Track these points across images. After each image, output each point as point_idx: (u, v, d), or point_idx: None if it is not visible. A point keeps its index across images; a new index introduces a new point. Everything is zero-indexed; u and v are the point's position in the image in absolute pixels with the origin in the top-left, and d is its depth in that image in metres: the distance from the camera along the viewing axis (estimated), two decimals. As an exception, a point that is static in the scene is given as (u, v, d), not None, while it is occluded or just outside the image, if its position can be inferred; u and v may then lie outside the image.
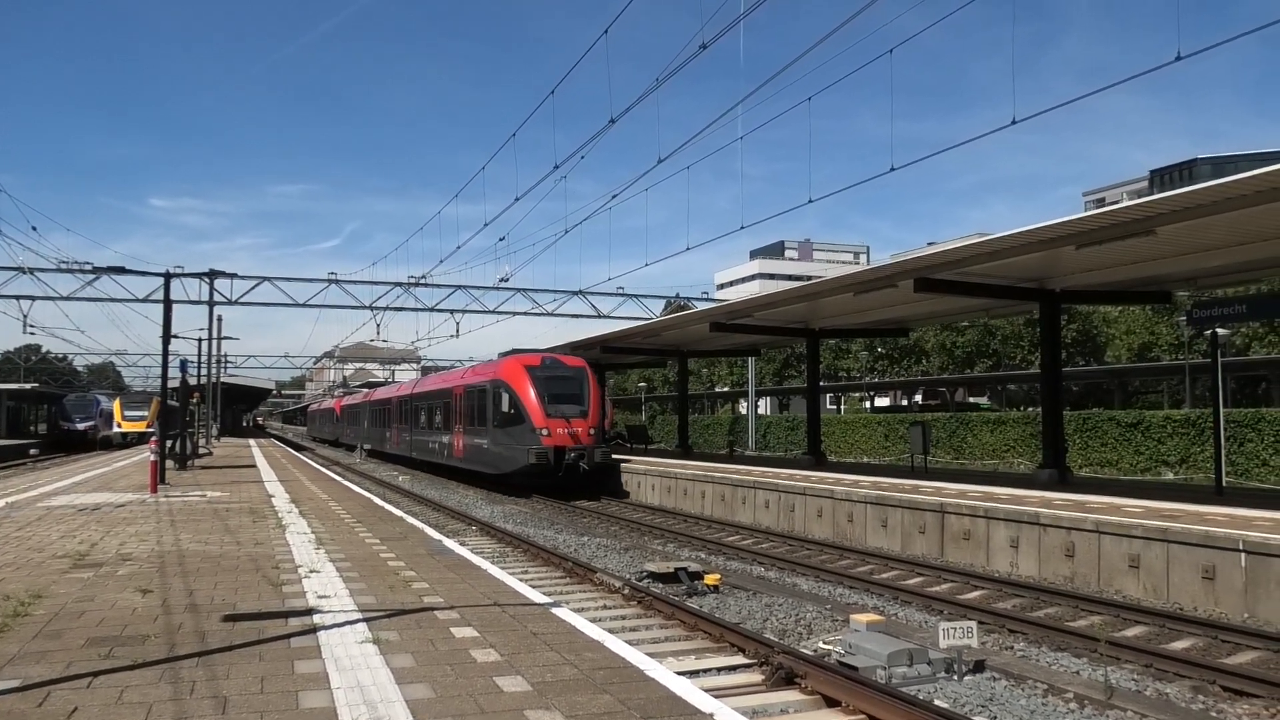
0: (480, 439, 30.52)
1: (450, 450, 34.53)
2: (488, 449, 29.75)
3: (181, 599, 8.47)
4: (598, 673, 6.16)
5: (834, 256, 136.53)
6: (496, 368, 30.05)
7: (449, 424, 34.70)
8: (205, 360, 46.92)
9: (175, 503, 18.04)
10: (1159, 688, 8.62)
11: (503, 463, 28.55)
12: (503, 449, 28.39)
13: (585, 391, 28.42)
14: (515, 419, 27.66)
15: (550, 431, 26.85)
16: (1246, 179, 12.34)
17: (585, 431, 27.54)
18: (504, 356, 31.71)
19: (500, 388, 28.56)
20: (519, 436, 27.38)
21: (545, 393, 27.52)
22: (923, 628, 10.84)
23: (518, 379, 27.99)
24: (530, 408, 27.28)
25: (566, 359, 29.74)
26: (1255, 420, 29.55)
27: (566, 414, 27.37)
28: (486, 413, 29.71)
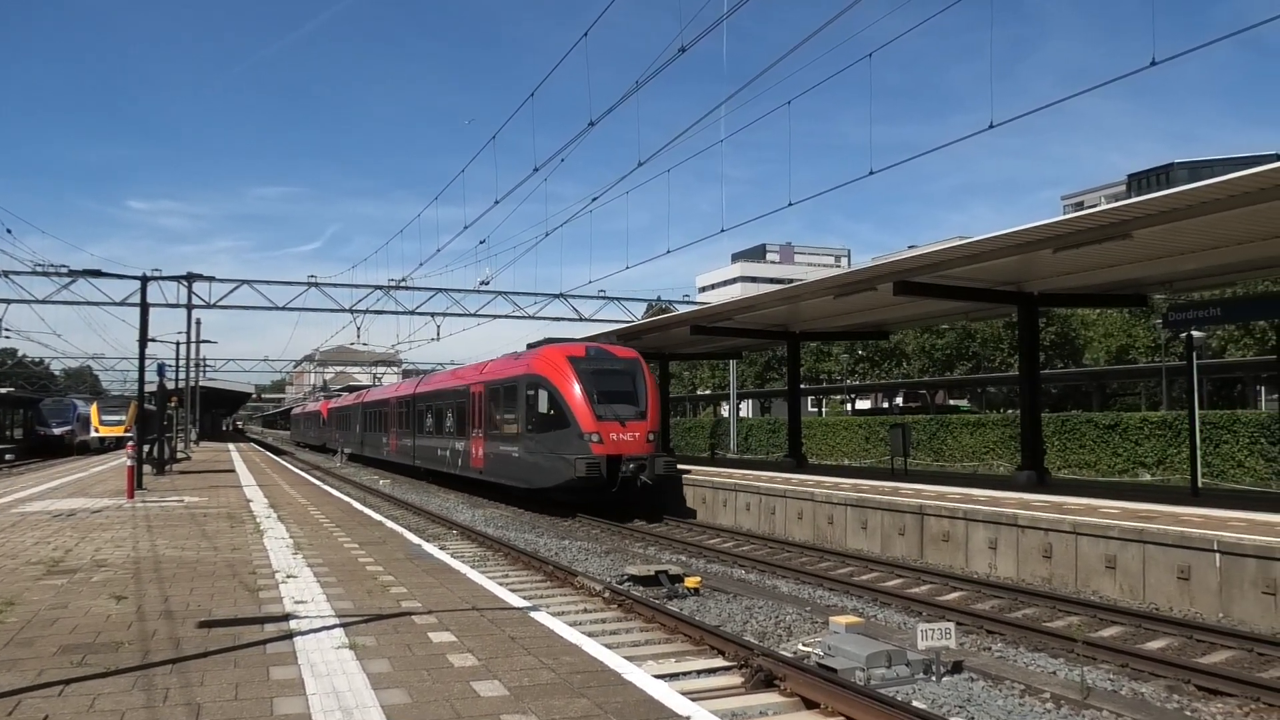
0: (509, 446, 25.46)
1: (466, 459, 29.41)
2: (519, 459, 24.59)
3: (156, 605, 8.40)
4: (575, 676, 6.15)
5: (815, 259, 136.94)
6: (530, 360, 24.69)
7: (464, 428, 29.67)
8: (183, 364, 46.61)
9: (152, 508, 17.89)
10: (1135, 687, 8.68)
11: (539, 475, 23.51)
12: (540, 459, 23.38)
13: (641, 387, 23.62)
14: (556, 422, 22.82)
15: (601, 437, 22.21)
16: (1221, 183, 12.47)
17: (643, 437, 22.81)
18: (535, 347, 26.46)
19: (536, 384, 23.60)
20: (561, 443, 22.55)
21: (594, 389, 22.72)
22: (902, 629, 10.88)
23: (559, 373, 23.09)
24: (576, 408, 22.46)
25: (615, 348, 24.95)
26: (1230, 422, 29.84)
27: (620, 415, 22.66)
28: (517, 415, 24.77)
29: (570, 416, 22.51)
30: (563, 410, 22.69)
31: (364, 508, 18.85)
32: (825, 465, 37.84)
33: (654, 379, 25.04)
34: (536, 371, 23.89)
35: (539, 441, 23.48)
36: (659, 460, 22.78)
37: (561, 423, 22.71)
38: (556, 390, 22.93)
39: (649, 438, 22.90)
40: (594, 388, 22.76)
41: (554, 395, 22.96)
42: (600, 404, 22.57)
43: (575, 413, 22.47)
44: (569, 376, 22.92)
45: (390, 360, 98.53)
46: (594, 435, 22.20)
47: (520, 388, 24.61)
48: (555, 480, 22.78)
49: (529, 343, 28.65)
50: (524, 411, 24.25)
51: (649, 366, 24.70)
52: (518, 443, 24.75)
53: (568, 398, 22.66)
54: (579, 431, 22.27)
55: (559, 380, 23.03)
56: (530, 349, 26.61)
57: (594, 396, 22.60)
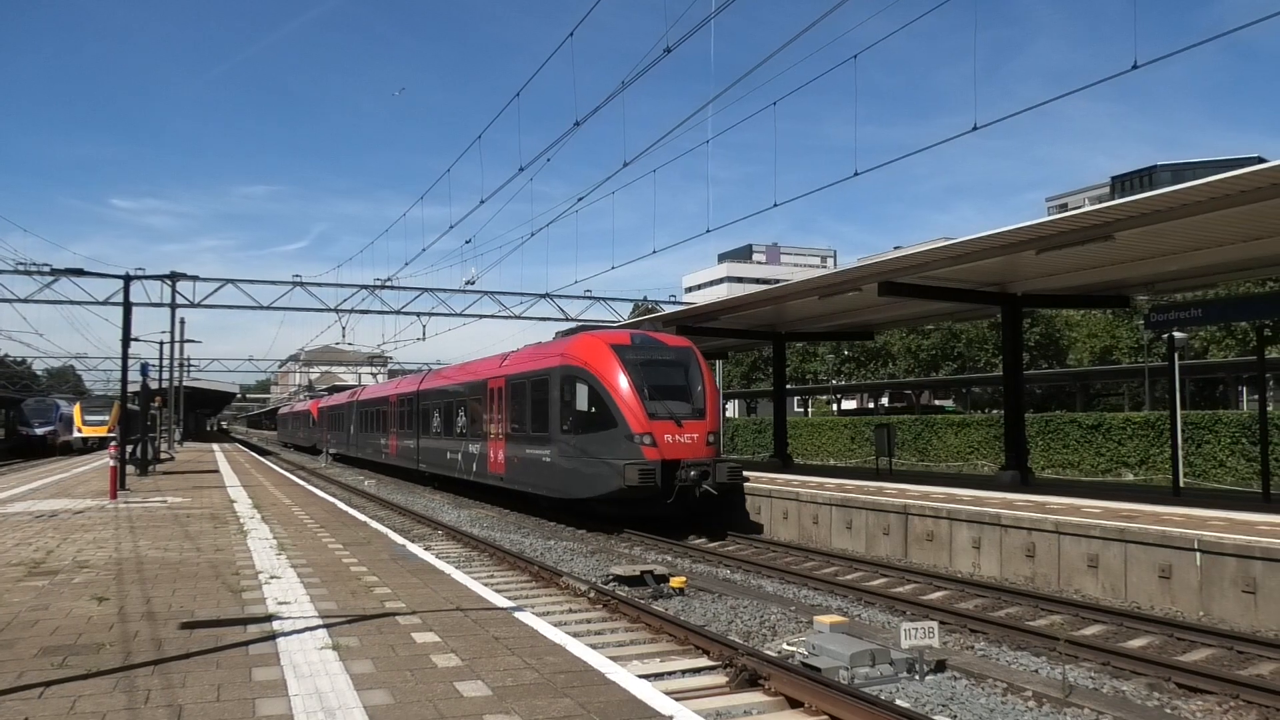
0: (537, 450, 22.07)
1: (482, 464, 26.13)
2: (552, 464, 21.22)
3: (139, 606, 8.36)
4: (559, 676, 6.15)
5: (801, 260, 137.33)
6: (565, 348, 21.46)
7: (480, 429, 26.36)
8: (167, 364, 46.35)
9: (135, 509, 17.80)
10: (1116, 685, 8.74)
11: (578, 484, 20.26)
12: (579, 465, 20.13)
13: (698, 381, 20.60)
14: (599, 421, 19.73)
15: (655, 439, 19.18)
16: (1202, 185, 12.57)
17: (703, 438, 19.85)
18: (567, 335, 23.52)
19: (574, 376, 20.43)
20: (607, 447, 19.43)
21: (644, 383, 19.69)
22: (885, 628, 10.92)
23: (602, 363, 19.98)
24: (624, 405, 19.36)
25: (665, 336, 22.04)
26: (1212, 422, 30.08)
27: (676, 414, 19.66)
28: (549, 413, 21.42)
29: (617, 415, 19.40)
30: (608, 407, 19.57)
31: (348, 508, 18.79)
32: (811, 465, 37.93)
33: (710, 372, 21.80)
34: (574, 362, 20.62)
35: (578, 444, 20.26)
36: (723, 465, 19.67)
37: (606, 422, 19.60)
38: (600, 384, 19.80)
39: (709, 439, 19.97)
40: (644, 381, 19.71)
41: (597, 390, 19.83)
42: (652, 400, 19.53)
43: (623, 410, 19.37)
44: (614, 368, 19.77)
45: (376, 360, 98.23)
46: (646, 437, 19.20)
47: (554, 381, 21.29)
48: (598, 490, 19.54)
49: (559, 330, 25.66)
50: (558, 409, 20.96)
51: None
52: (549, 445, 21.43)
53: (614, 393, 19.54)
54: (628, 432, 19.22)
55: (603, 372, 19.89)
56: (562, 337, 23.73)
57: (645, 391, 19.55)
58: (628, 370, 19.68)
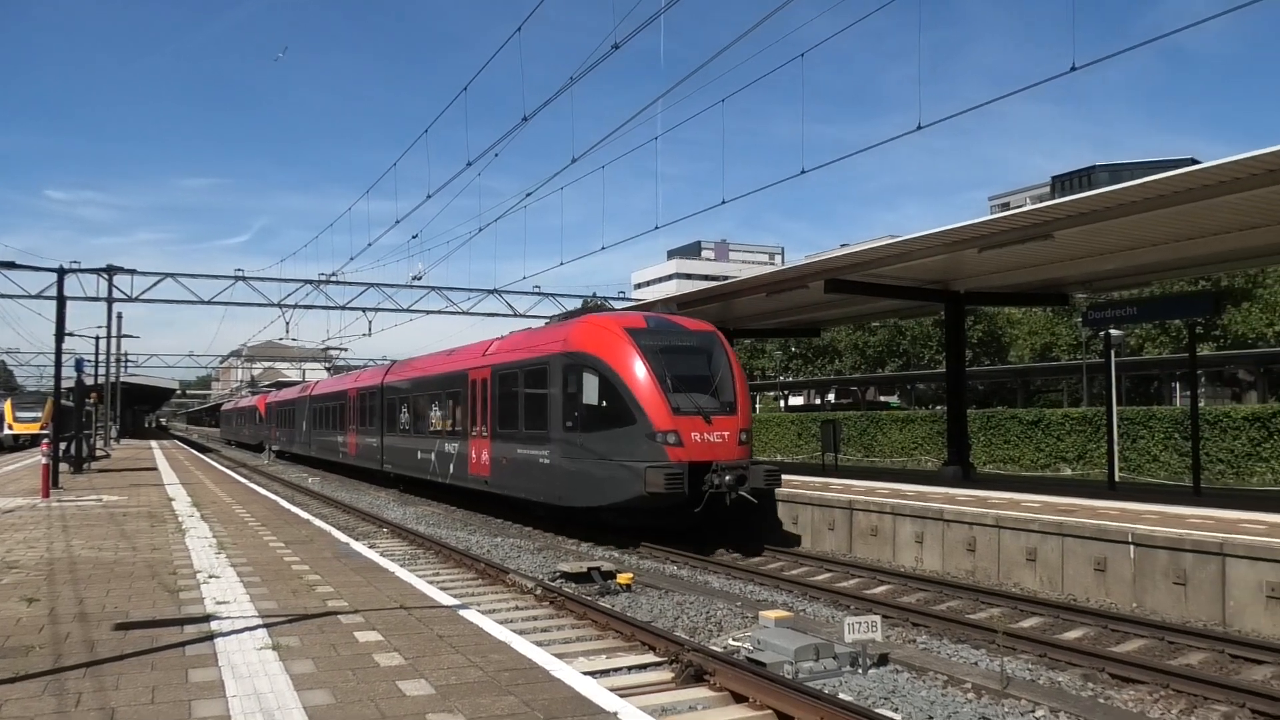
0: (534, 450, 19.28)
1: (461, 465, 23.39)
2: (553, 466, 18.46)
3: (71, 608, 8.15)
4: (503, 674, 6.12)
5: (750, 257, 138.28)
6: (569, 332, 18.69)
7: (459, 425, 23.67)
8: (104, 359, 45.26)
9: (69, 507, 17.35)
10: (1052, 676, 8.93)
11: (586, 490, 17.56)
12: (589, 467, 17.39)
13: (726, 371, 17.77)
14: (614, 417, 17.01)
15: (681, 438, 16.47)
16: (1137, 186, 12.87)
17: (735, 437, 17.09)
18: (566, 319, 21.03)
19: (581, 365, 17.73)
20: (623, 446, 16.77)
21: (666, 373, 16.92)
22: (830, 623, 11.04)
23: (615, 350, 17.25)
24: (644, 398, 16.61)
25: (684, 319, 19.27)
26: (1147, 418, 30.86)
27: (704, 408, 16.91)
28: (549, 407, 18.70)
29: (635, 410, 16.63)
30: (624, 401, 16.80)
31: (291, 506, 18.52)
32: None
33: (739, 360, 19.02)
34: (581, 348, 17.91)
35: (586, 444, 17.50)
36: (759, 468, 17.03)
37: (621, 418, 16.84)
38: (613, 373, 17.03)
39: (741, 438, 17.22)
40: (666, 370, 16.93)
41: (609, 380, 17.08)
42: (676, 393, 16.77)
43: (643, 404, 16.57)
44: (631, 355, 17.01)
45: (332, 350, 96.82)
46: (670, 436, 16.45)
47: (554, 371, 18.60)
48: (612, 497, 16.93)
49: (559, 313, 22.88)
50: (560, 403, 18.27)
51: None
52: (548, 445, 18.66)
53: (630, 384, 16.77)
54: (649, 430, 16.46)
55: (616, 360, 17.11)
56: (563, 319, 21.29)
57: (667, 382, 16.78)
58: (646, 358, 16.92)
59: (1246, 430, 27.93)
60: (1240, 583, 10.88)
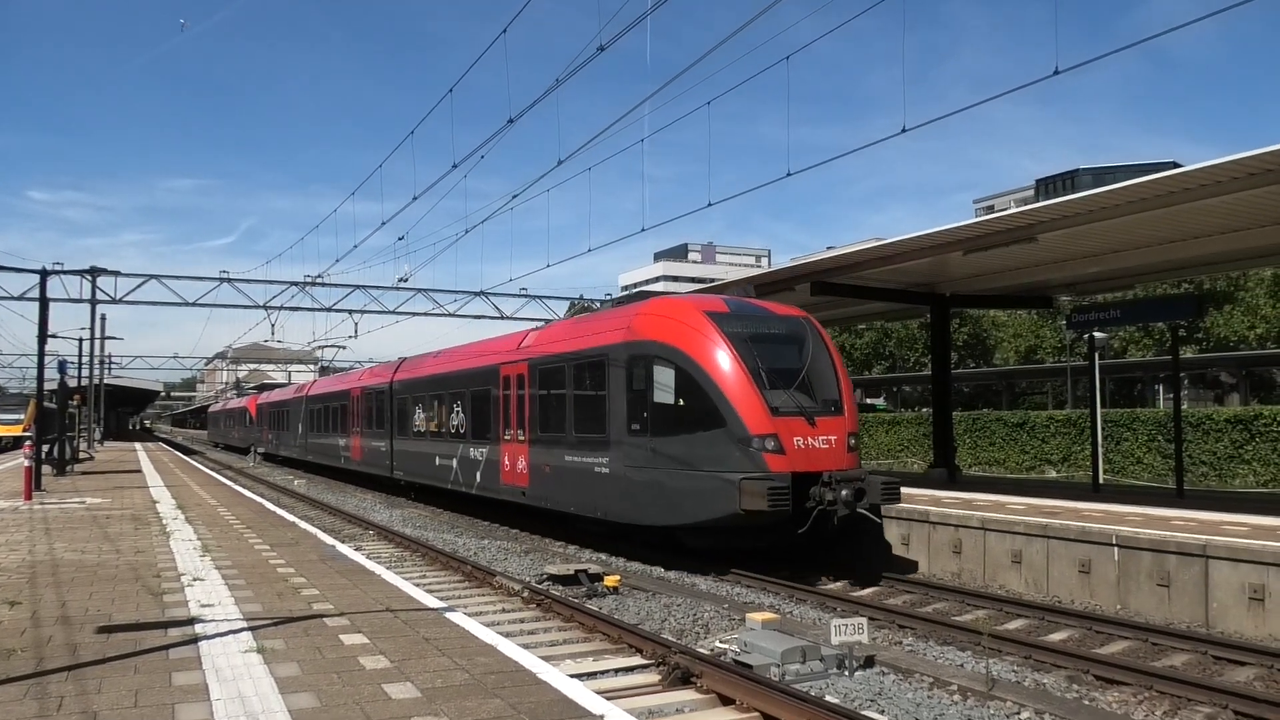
0: (589, 457, 16.49)
1: (492, 473, 20.68)
2: (615, 477, 15.69)
3: (53, 611, 8.09)
4: (490, 677, 6.10)
5: (736, 259, 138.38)
6: (632, 318, 15.89)
7: (488, 428, 20.98)
8: (87, 361, 44.97)
9: (51, 510, 17.23)
10: (1037, 678, 8.97)
11: (661, 505, 14.76)
12: (664, 478, 14.63)
13: (827, 364, 15.15)
14: (698, 417, 14.26)
15: (781, 444, 13.77)
16: (1119, 189, 12.96)
17: (843, 442, 14.49)
18: (621, 303, 18.37)
19: (653, 356, 15.00)
20: (711, 453, 14.03)
21: (760, 365, 14.27)
22: (816, 625, 11.05)
23: (697, 337, 14.54)
24: (736, 396, 13.90)
25: (770, 304, 16.53)
26: (1130, 420, 31.06)
27: (806, 408, 14.24)
28: (609, 406, 15.95)
29: (725, 409, 13.93)
30: (709, 399, 14.08)
31: (277, 508, 18.43)
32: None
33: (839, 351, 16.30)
34: (652, 336, 15.16)
35: (659, 450, 14.77)
36: (876, 479, 14.28)
37: (707, 419, 14.13)
38: (695, 365, 14.30)
39: (850, 443, 14.66)
40: (759, 363, 14.29)
41: (690, 374, 14.35)
42: (773, 389, 14.13)
43: (735, 403, 13.88)
44: (717, 343, 14.32)
45: (307, 358, 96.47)
46: (769, 441, 13.73)
47: (615, 364, 15.86)
48: (695, 514, 14.22)
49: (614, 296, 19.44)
50: (624, 401, 15.56)
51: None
52: (608, 452, 15.93)
53: (718, 378, 14.06)
54: (742, 434, 13.74)
55: (699, 349, 14.38)
56: (619, 303, 18.47)
57: (762, 377, 14.13)
58: (736, 347, 14.25)
59: (1229, 432, 28.13)
60: (1223, 584, 10.96)
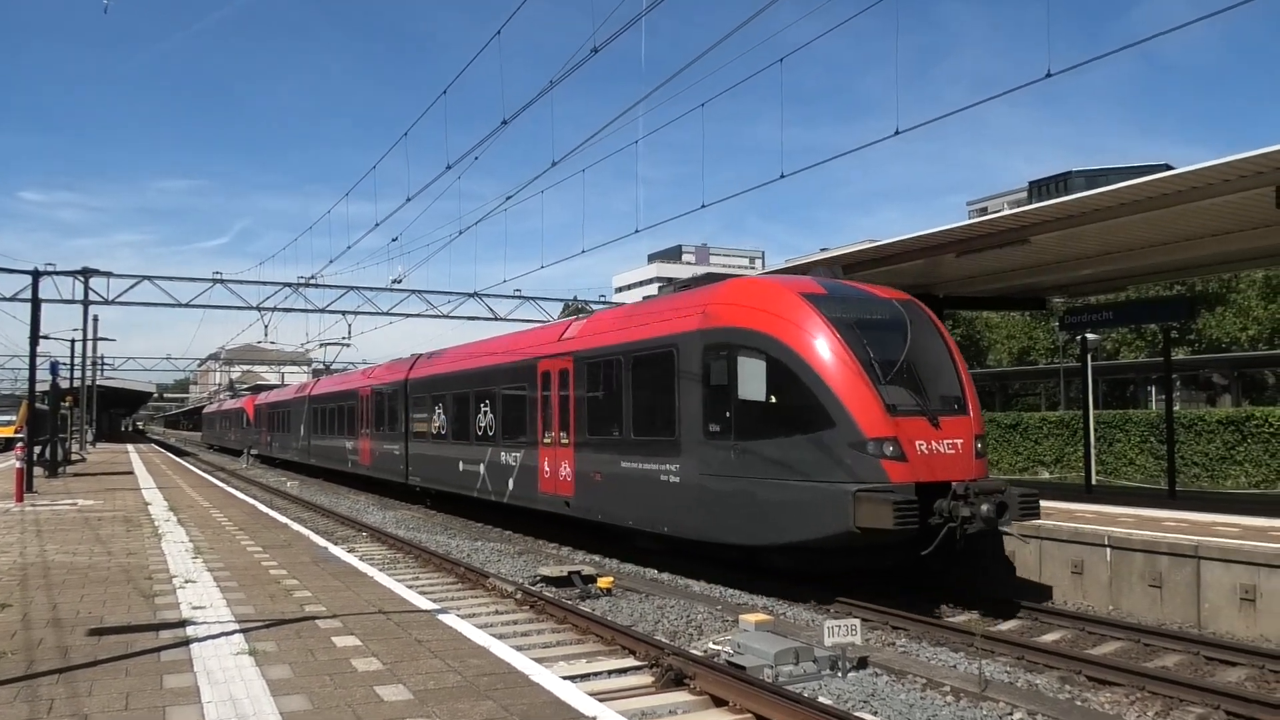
0: (654, 463, 14.44)
1: (528, 480, 18.65)
2: (692, 485, 13.57)
3: (44, 613, 8.06)
4: (482, 679, 6.10)
5: (730, 260, 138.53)
6: (708, 302, 13.85)
7: (524, 430, 18.97)
8: (79, 362, 44.84)
9: (43, 512, 17.17)
10: (1030, 679, 8.98)
11: (753, 521, 12.56)
12: (757, 488, 12.46)
13: (944, 355, 13.16)
14: (797, 416, 12.12)
15: (902, 449, 11.59)
16: (1111, 191, 12.98)
17: (971, 447, 12.29)
18: (689, 287, 16.09)
19: (737, 345, 12.88)
20: (816, 459, 11.87)
21: (870, 355, 12.13)
22: (810, 626, 11.06)
23: (795, 322, 12.38)
24: (845, 389, 11.76)
25: (868, 286, 14.34)
26: (1123, 421, 31.12)
27: (927, 408, 12.11)
28: (680, 404, 13.87)
29: (833, 407, 11.72)
30: (812, 394, 11.90)
31: (269, 510, 18.40)
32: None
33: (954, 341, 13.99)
34: (736, 321, 13.07)
35: (747, 455, 12.61)
36: (1015, 492, 11.83)
37: (811, 419, 11.92)
38: (793, 355, 12.14)
39: (978, 447, 12.45)
40: (869, 353, 12.12)
41: (787, 365, 12.18)
42: (887, 384, 11.97)
43: (844, 399, 11.67)
44: (820, 329, 12.14)
45: (300, 359, 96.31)
46: (887, 445, 11.51)
47: (688, 354, 13.71)
48: (794, 533, 12.05)
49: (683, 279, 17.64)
50: (699, 398, 13.46)
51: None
52: (677, 456, 13.89)
53: (822, 370, 11.87)
54: (855, 436, 11.54)
55: (797, 336, 12.21)
56: (680, 289, 16.35)
57: (874, 369, 11.95)
58: (842, 334, 12.08)
59: (1221, 433, 28.20)
60: (1215, 585, 10.99)
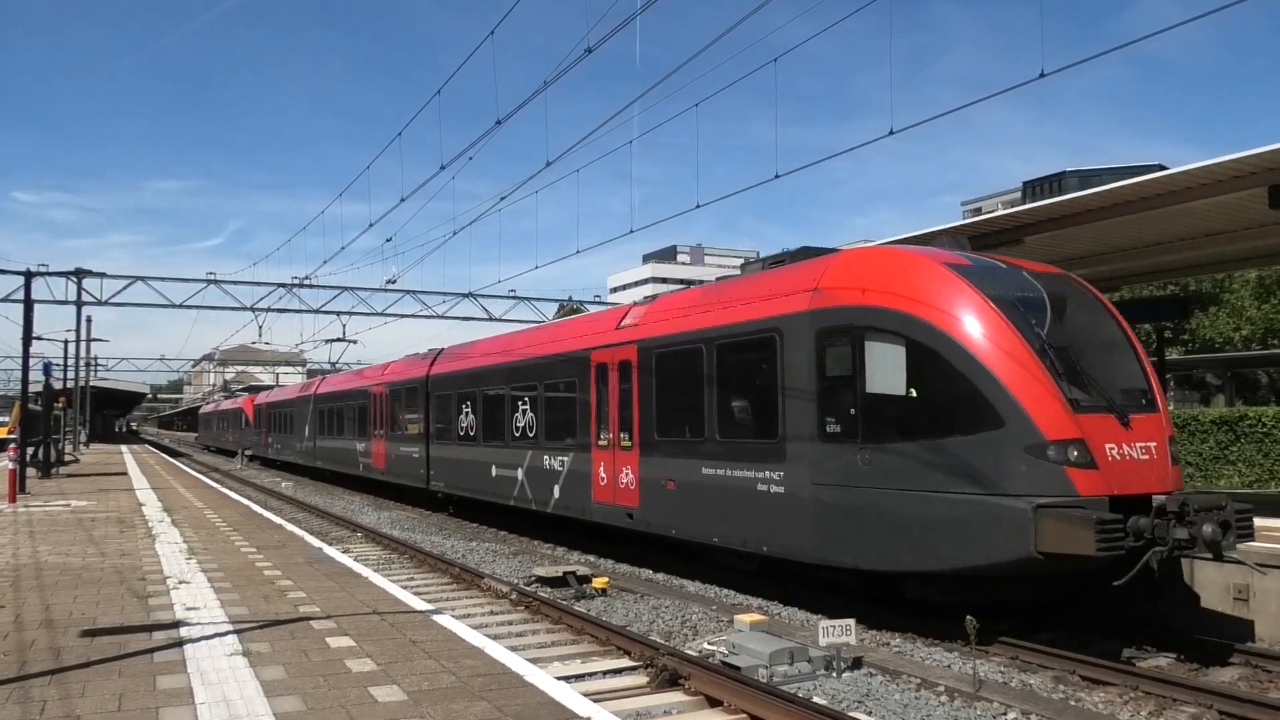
0: (752, 469, 12.25)
1: (579, 486, 16.55)
2: (805, 498, 11.37)
3: (37, 614, 8.04)
4: (477, 679, 6.09)
5: (725, 261, 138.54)
6: (822, 273, 11.69)
7: (570, 431, 16.95)
8: (73, 363, 44.74)
9: (36, 513, 17.12)
10: (1024, 679, 8.99)
11: (895, 543, 10.37)
12: (894, 502, 10.27)
13: (1121, 341, 11.09)
14: (954, 413, 10.02)
15: (1090, 454, 9.42)
16: (1104, 192, 13.01)
17: (1164, 451, 10.12)
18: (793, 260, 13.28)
19: (874, 326, 10.66)
20: (978, 465, 9.65)
21: (1046, 342, 9.98)
22: (805, 626, 11.05)
23: (946, 299, 10.25)
24: (1017, 379, 9.61)
25: (1024, 262, 11.88)
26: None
27: (1116, 404, 10.00)
28: (788, 398, 11.69)
29: (1004, 401, 9.60)
30: (974, 386, 9.76)
31: (264, 511, 18.37)
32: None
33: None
34: (863, 298, 10.81)
35: (883, 461, 10.39)
36: (1232, 506, 9.66)
37: (973, 415, 9.79)
38: (946, 339, 9.99)
39: (1172, 451, 10.30)
40: (1040, 338, 9.99)
41: (938, 351, 10.04)
42: (1070, 378, 9.85)
43: (1017, 392, 9.58)
44: (978, 306, 10.03)
45: (295, 360, 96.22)
46: (1073, 448, 9.40)
47: (796, 339, 11.49)
48: (954, 558, 9.87)
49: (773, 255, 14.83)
50: (813, 391, 11.19)
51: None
52: (782, 463, 11.63)
53: (987, 357, 9.75)
54: (1033, 438, 9.42)
55: (949, 316, 10.08)
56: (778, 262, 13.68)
57: (1050, 357, 9.85)
58: (1006, 314, 9.96)
59: (1214, 433, 28.26)
60: (1208, 585, 11.00)
